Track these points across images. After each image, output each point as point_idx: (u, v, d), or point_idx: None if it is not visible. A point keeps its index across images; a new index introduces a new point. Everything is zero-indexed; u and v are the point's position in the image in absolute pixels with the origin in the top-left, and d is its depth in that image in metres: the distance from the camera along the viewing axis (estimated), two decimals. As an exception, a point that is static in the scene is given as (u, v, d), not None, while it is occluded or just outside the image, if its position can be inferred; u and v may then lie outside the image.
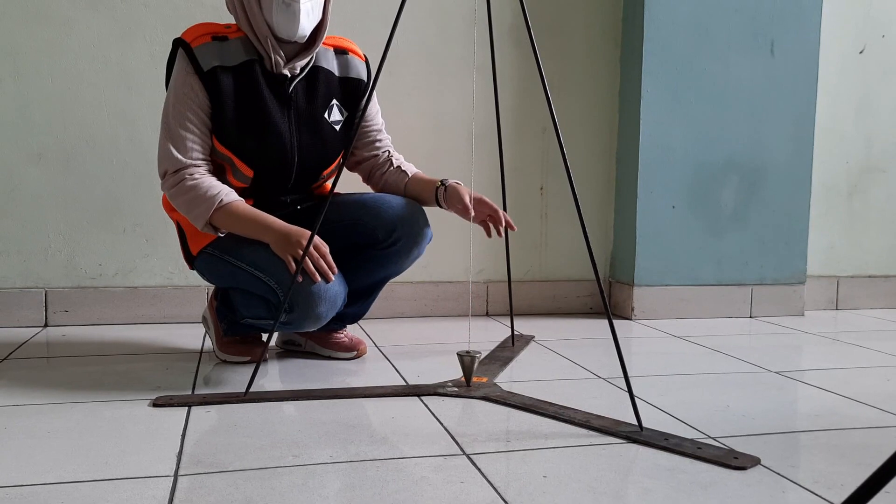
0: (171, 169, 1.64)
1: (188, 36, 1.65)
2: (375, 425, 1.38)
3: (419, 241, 1.78)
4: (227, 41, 1.67)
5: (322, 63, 1.76)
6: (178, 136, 1.63)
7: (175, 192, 1.64)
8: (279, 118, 1.69)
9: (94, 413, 1.42)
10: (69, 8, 2.21)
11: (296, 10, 1.60)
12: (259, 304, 1.70)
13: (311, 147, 1.74)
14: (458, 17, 2.47)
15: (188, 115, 1.63)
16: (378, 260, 1.80)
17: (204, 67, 1.62)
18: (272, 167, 1.72)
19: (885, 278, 2.91)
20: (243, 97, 1.66)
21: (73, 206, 2.25)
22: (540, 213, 2.63)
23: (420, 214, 1.78)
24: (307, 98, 1.73)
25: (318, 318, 1.63)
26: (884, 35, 2.82)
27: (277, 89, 1.69)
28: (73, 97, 2.23)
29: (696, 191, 2.56)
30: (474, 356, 1.60)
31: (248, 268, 1.66)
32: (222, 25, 1.70)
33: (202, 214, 1.62)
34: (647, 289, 2.55)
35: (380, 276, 1.84)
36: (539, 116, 2.59)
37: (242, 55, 1.67)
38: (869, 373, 1.85)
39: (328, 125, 1.76)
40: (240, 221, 1.64)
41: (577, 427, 1.37)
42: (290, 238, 1.60)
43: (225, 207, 1.62)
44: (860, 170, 2.87)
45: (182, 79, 1.63)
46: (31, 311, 2.24)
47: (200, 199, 1.62)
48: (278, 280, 1.61)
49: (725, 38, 2.53)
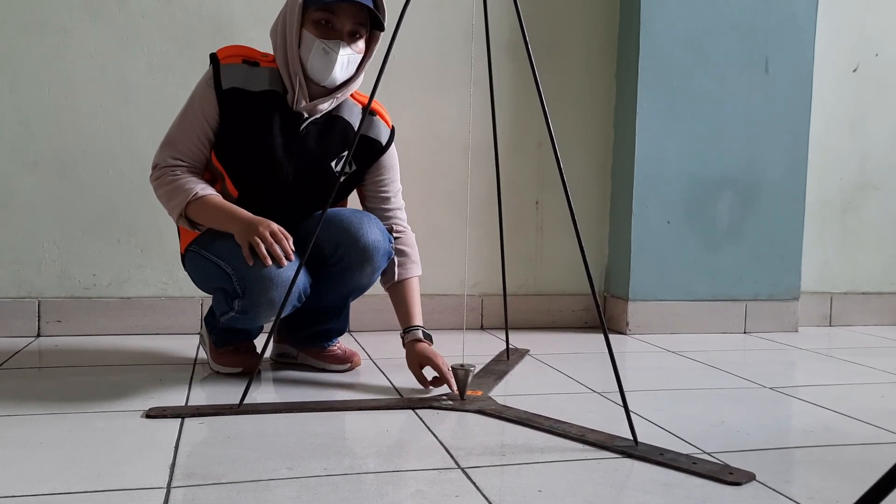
0: (160, 164, 1.70)
1: (222, 53, 1.70)
2: (370, 438, 1.37)
3: (367, 256, 1.69)
4: (257, 68, 1.70)
5: (345, 115, 1.77)
6: (177, 137, 1.70)
7: (158, 185, 1.70)
8: (281, 153, 1.71)
9: (86, 424, 1.41)
10: (67, 18, 2.21)
11: (333, 58, 1.64)
12: (222, 299, 1.70)
13: (308, 189, 1.75)
14: (456, 31, 2.49)
15: (193, 123, 1.69)
16: (333, 277, 1.74)
17: (224, 85, 1.67)
18: (260, 195, 1.73)
19: (879, 295, 2.92)
20: (252, 124, 1.68)
21: (68, 216, 2.25)
22: (535, 227, 2.63)
23: (366, 228, 1.69)
24: (317, 141, 1.74)
25: (271, 304, 1.59)
26: (877, 54, 2.84)
27: (289, 126, 1.71)
28: (69, 106, 2.23)
29: (691, 206, 2.57)
30: (469, 370, 1.60)
31: (215, 259, 1.67)
32: (259, 52, 1.73)
33: (178, 206, 1.66)
34: (642, 303, 2.55)
35: (341, 293, 1.78)
36: (535, 131, 2.60)
37: (266, 84, 1.69)
38: (863, 389, 1.85)
39: (331, 172, 1.76)
40: (211, 213, 1.66)
41: (572, 441, 1.37)
42: (252, 226, 1.60)
43: (199, 199, 1.65)
44: (854, 187, 2.88)
45: (201, 90, 1.70)
46: (24, 321, 2.23)
47: (178, 191, 1.66)
48: (234, 265, 1.62)
49: (721, 55, 2.54)
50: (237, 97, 1.67)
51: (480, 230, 2.56)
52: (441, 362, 1.67)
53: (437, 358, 1.68)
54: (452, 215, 2.51)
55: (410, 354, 1.73)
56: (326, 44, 1.63)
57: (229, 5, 2.30)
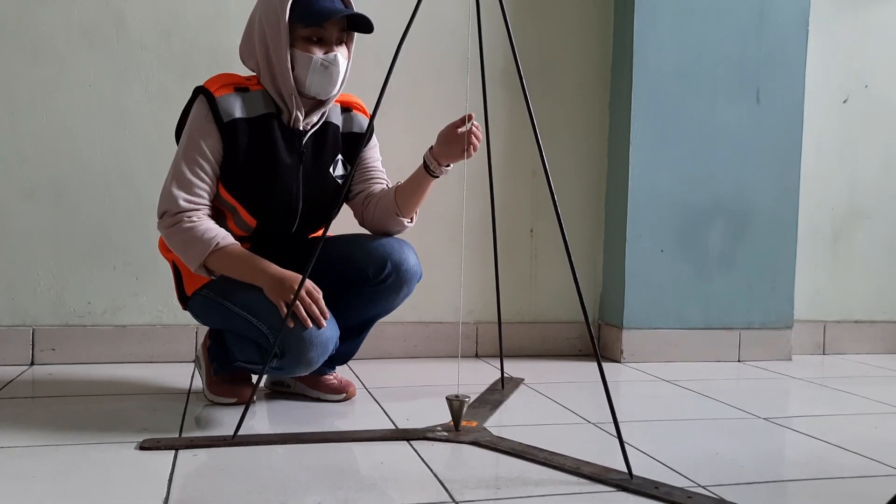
0: (172, 210, 1.64)
1: (211, 85, 1.68)
2: (364, 470, 1.37)
3: (409, 277, 1.78)
4: (248, 92, 1.70)
5: (332, 118, 1.79)
6: (184, 179, 1.64)
7: (171, 233, 1.64)
8: (288, 172, 1.72)
9: (80, 455, 1.41)
10: (66, 47, 2.23)
11: (334, 72, 1.66)
12: (251, 348, 1.69)
13: (316, 201, 1.77)
14: (451, 60, 2.51)
15: (199, 161, 1.65)
16: (368, 297, 1.80)
17: (224, 118, 1.65)
18: (276, 218, 1.75)
19: (871, 323, 2.94)
20: (257, 149, 1.69)
21: (64, 243, 2.25)
22: (530, 255, 2.64)
23: (410, 252, 1.79)
24: (316, 153, 1.76)
25: (310, 364, 1.62)
26: (867, 85, 2.88)
27: (291, 144, 1.72)
28: (66, 134, 2.24)
29: (684, 234, 2.58)
30: (463, 400, 1.60)
31: (241, 311, 1.66)
32: (243, 77, 1.73)
33: (197, 256, 1.63)
34: (637, 331, 2.55)
35: (369, 314, 1.85)
36: (529, 159, 2.62)
37: (262, 108, 1.70)
38: (856, 419, 1.86)
39: (333, 179, 1.79)
40: (234, 265, 1.64)
41: (567, 474, 1.37)
42: (284, 283, 1.60)
43: (220, 250, 1.63)
44: (844, 215, 2.91)
45: (200, 125, 1.66)
46: (17, 349, 2.22)
47: (196, 241, 1.62)
48: (270, 325, 1.61)
49: (712, 85, 2.58)
50: (239, 127, 1.66)
51: (475, 257, 2.57)
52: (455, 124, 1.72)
53: (451, 125, 1.73)
54: (447, 243, 2.52)
55: (436, 147, 1.76)
56: (324, 59, 1.65)
57: (226, 36, 2.32)
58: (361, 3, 1.77)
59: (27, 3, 2.20)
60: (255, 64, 1.71)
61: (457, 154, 1.73)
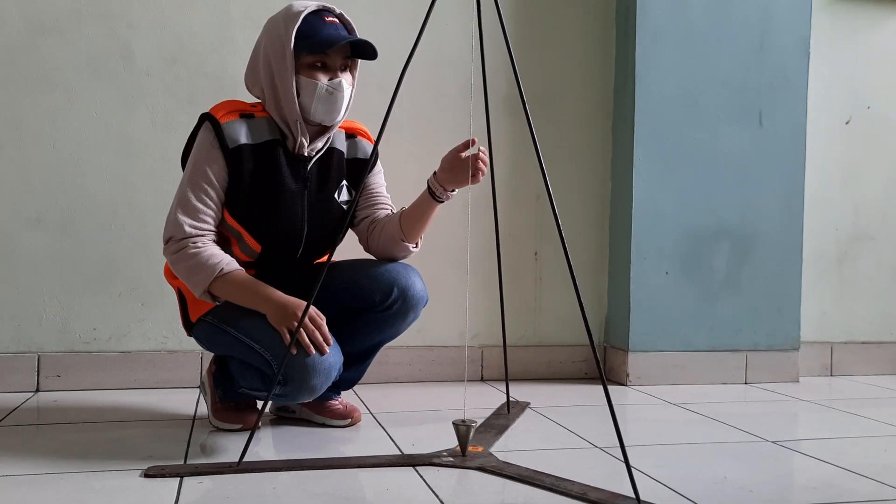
0: (177, 236, 1.65)
1: (217, 112, 1.69)
2: (370, 497, 1.36)
3: (416, 302, 1.78)
4: (254, 119, 1.71)
5: (336, 144, 1.81)
6: (190, 206, 1.65)
7: (176, 259, 1.65)
8: (293, 198, 1.73)
9: (84, 484, 1.40)
10: (73, 76, 2.25)
11: (339, 97, 1.68)
12: (255, 376, 1.69)
13: (321, 226, 1.78)
14: (454, 86, 2.53)
15: (205, 187, 1.66)
16: (375, 323, 1.80)
17: (230, 145, 1.66)
18: (280, 244, 1.75)
19: (878, 345, 2.92)
20: (263, 175, 1.70)
21: (70, 270, 2.26)
22: (534, 279, 2.64)
23: (416, 277, 1.79)
24: (321, 179, 1.77)
25: (313, 391, 1.62)
26: (869, 106, 2.89)
27: (296, 170, 1.73)
28: (73, 163, 2.26)
29: (689, 257, 2.58)
30: (470, 426, 1.59)
31: (244, 338, 1.66)
32: (249, 104, 1.75)
33: (202, 282, 1.63)
34: (642, 354, 2.55)
35: (375, 339, 1.85)
36: (533, 184, 2.63)
37: (267, 134, 1.71)
38: (865, 443, 1.84)
39: (337, 205, 1.80)
40: (239, 291, 1.65)
41: (574, 500, 1.36)
42: (287, 310, 1.60)
43: (225, 276, 1.63)
44: (849, 237, 2.90)
45: (205, 151, 1.67)
46: (23, 376, 2.22)
47: (201, 267, 1.63)
48: (273, 352, 1.61)
49: (714, 110, 2.59)
50: (244, 154, 1.68)
51: (479, 282, 2.58)
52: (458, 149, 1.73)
53: (454, 150, 1.74)
54: (452, 267, 2.52)
55: (440, 173, 1.77)
56: (329, 85, 1.66)
57: (232, 63, 2.35)
58: (365, 30, 1.79)
59: (34, 33, 2.23)
60: (260, 91, 1.73)
61: (463, 180, 1.73)
